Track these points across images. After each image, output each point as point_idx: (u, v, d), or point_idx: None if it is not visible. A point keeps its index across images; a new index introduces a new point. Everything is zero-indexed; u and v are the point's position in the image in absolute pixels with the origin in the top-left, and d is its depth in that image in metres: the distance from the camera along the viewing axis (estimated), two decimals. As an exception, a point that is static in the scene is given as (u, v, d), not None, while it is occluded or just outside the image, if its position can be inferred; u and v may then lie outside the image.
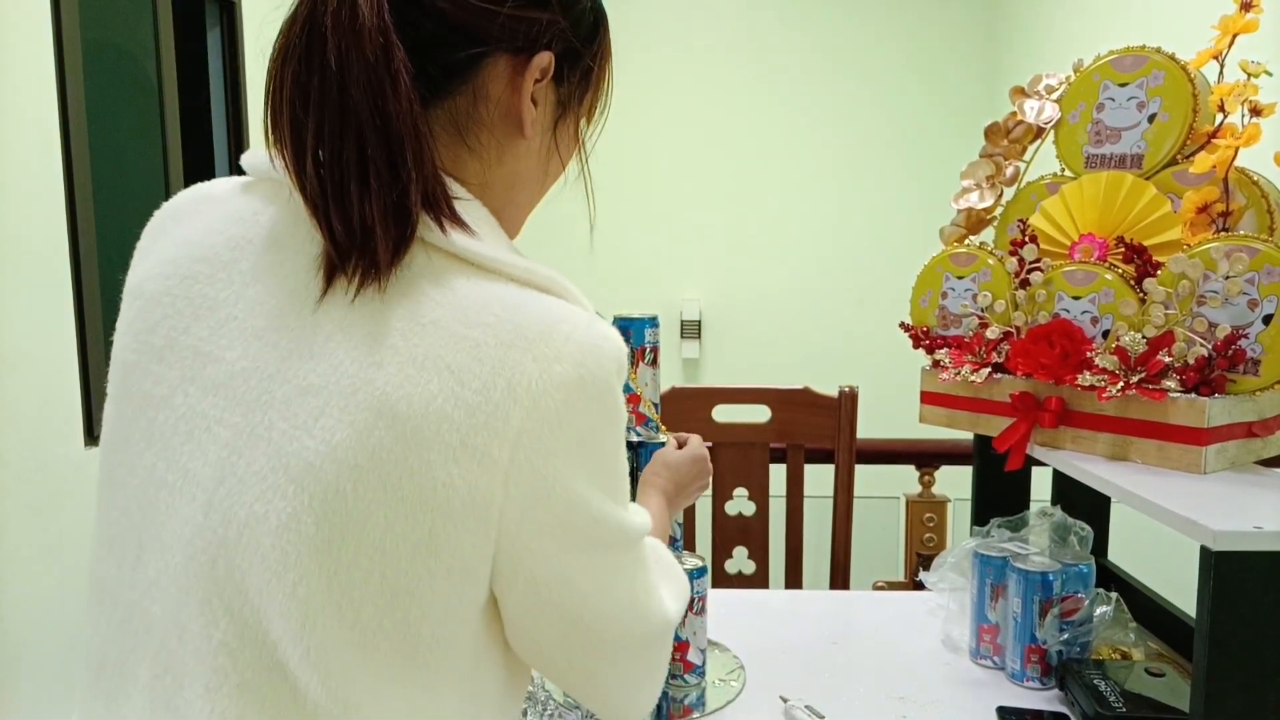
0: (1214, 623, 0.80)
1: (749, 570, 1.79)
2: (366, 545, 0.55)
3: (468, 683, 0.61)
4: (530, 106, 0.64)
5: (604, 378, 0.58)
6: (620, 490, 0.62)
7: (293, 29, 0.57)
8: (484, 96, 0.63)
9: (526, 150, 0.67)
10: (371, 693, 0.58)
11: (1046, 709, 1.10)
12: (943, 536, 2.33)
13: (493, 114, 0.64)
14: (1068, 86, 1.25)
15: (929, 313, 1.31)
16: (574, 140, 0.72)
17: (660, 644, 0.70)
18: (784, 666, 1.21)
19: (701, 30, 3.36)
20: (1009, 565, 1.18)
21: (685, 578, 0.77)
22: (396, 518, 0.55)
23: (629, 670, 0.68)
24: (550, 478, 0.57)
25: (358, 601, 0.56)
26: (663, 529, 0.96)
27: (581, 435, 0.58)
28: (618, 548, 0.63)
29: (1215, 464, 0.99)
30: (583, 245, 3.52)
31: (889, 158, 3.36)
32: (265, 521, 0.56)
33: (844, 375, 1.88)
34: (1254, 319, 0.99)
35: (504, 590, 0.60)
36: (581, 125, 0.73)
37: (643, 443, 1.16)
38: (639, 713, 0.73)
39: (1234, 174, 1.07)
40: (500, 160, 0.66)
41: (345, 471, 0.55)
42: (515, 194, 0.69)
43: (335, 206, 0.56)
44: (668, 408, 1.67)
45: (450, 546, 0.56)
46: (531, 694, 1.07)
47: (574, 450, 0.58)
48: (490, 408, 0.55)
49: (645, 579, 0.67)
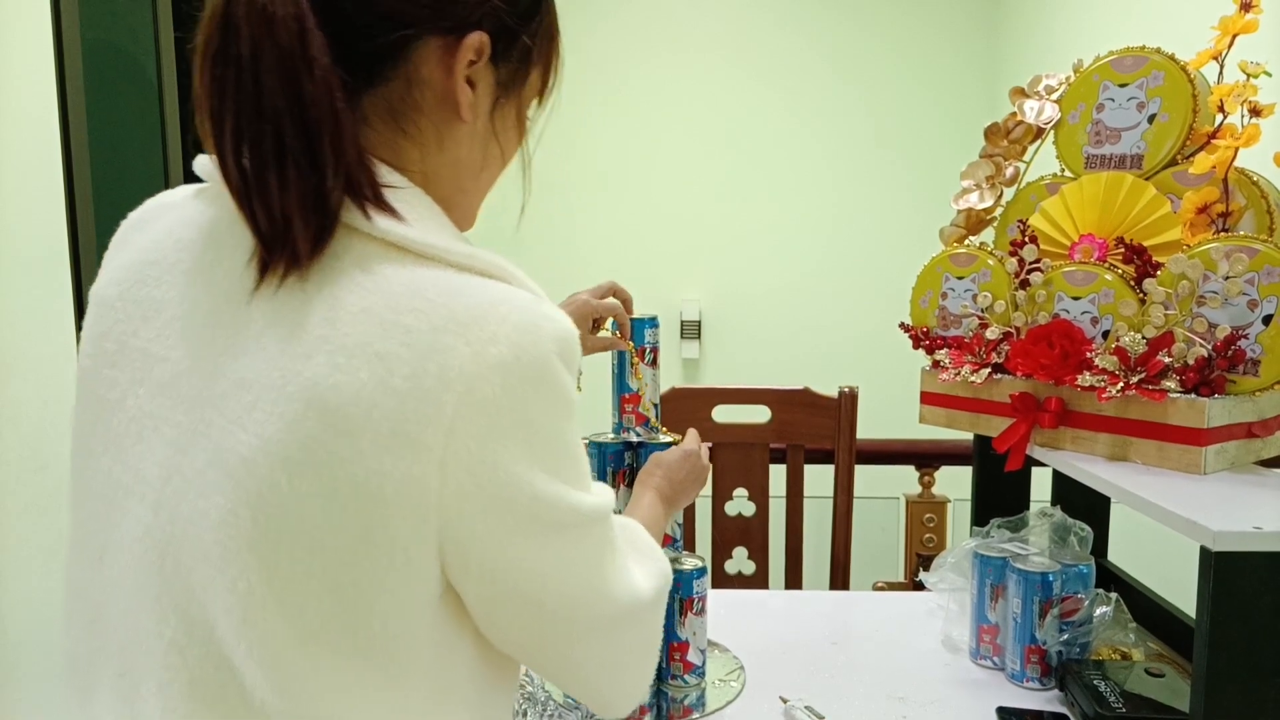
0: (1214, 623, 0.80)
1: (749, 570, 1.79)
2: (304, 539, 0.55)
3: (433, 677, 0.60)
4: (466, 89, 0.63)
5: (542, 358, 0.57)
6: (570, 471, 0.61)
7: (210, 22, 0.57)
8: (418, 81, 0.62)
9: (468, 135, 0.66)
10: (324, 689, 0.57)
11: (1046, 709, 1.10)
12: (943, 537, 2.33)
13: (428, 99, 0.62)
14: (1067, 87, 1.25)
15: (929, 313, 1.31)
16: (518, 123, 0.70)
17: (636, 625, 0.69)
18: (784, 666, 1.21)
19: (701, 30, 3.36)
20: (1009, 565, 1.18)
21: (664, 560, 0.75)
22: (332, 510, 0.54)
23: (606, 653, 0.67)
24: (489, 463, 0.56)
25: (300, 596, 0.55)
26: (657, 525, 0.95)
27: (521, 418, 0.57)
28: (573, 529, 0.61)
29: (1215, 464, 0.99)
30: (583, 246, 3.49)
31: (889, 158, 3.36)
32: (206, 518, 0.56)
33: (844, 375, 1.88)
34: (1254, 319, 0.99)
35: (459, 580, 0.58)
36: (531, 107, 0.71)
37: (643, 443, 1.16)
38: (626, 699, 0.72)
39: (1234, 174, 1.07)
40: (441, 146, 0.65)
41: (278, 465, 0.54)
42: (461, 181, 0.68)
43: (257, 198, 0.56)
44: (668, 408, 1.67)
45: (388, 537, 0.55)
46: (531, 694, 1.07)
47: (513, 433, 0.56)
48: (421, 394, 0.54)
49: (612, 559, 0.66)
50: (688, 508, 1.66)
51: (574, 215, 3.44)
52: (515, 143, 0.71)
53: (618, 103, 3.40)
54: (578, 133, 3.41)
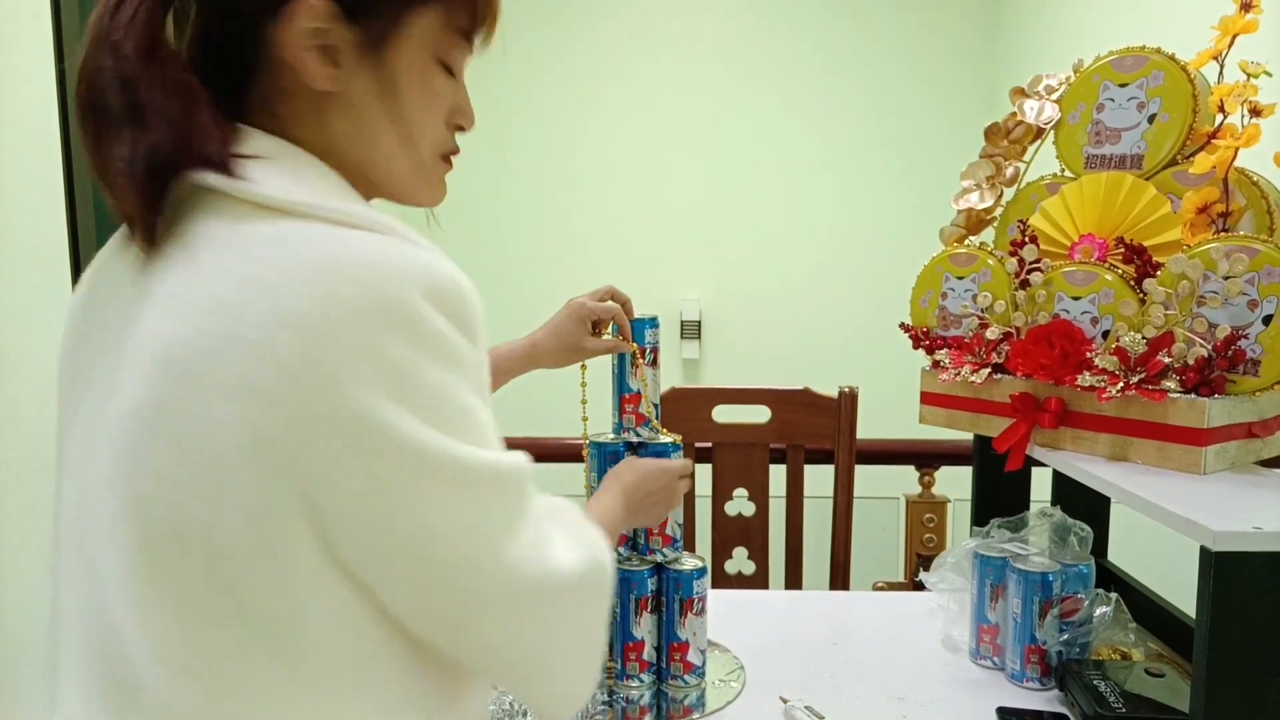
0: (1214, 623, 0.80)
1: (749, 570, 1.79)
2: (163, 502, 0.54)
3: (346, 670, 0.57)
4: (309, 59, 0.61)
5: (399, 298, 0.54)
6: (457, 424, 0.57)
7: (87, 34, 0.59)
8: (278, 65, 0.62)
9: (345, 107, 0.63)
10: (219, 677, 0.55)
11: (1046, 709, 1.10)
12: (943, 537, 2.33)
13: (292, 80, 0.62)
14: (1068, 87, 1.25)
15: (929, 313, 1.31)
16: (420, 77, 0.65)
17: (556, 605, 0.63)
18: (784, 666, 1.21)
19: (701, 31, 3.36)
20: (1009, 566, 1.18)
21: (599, 546, 0.69)
22: (187, 466, 0.53)
23: (524, 635, 0.62)
24: (342, 408, 0.53)
25: (176, 570, 0.54)
26: (610, 523, 0.90)
27: (378, 360, 0.53)
28: (464, 485, 0.57)
29: (1215, 464, 0.99)
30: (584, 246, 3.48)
31: (889, 158, 3.36)
32: (99, 492, 0.58)
33: (844, 375, 1.88)
34: (1254, 319, 0.99)
35: (340, 544, 0.55)
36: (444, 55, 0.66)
37: (643, 443, 1.16)
38: (560, 697, 0.67)
39: (1234, 174, 1.07)
40: (321, 122, 0.63)
41: (137, 425, 0.55)
42: (366, 152, 0.65)
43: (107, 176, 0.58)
44: (668, 408, 1.67)
45: (243, 493, 0.53)
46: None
47: (370, 376, 0.53)
48: (265, 340, 0.52)
49: (522, 530, 0.60)
50: (688, 508, 1.66)
51: (575, 215, 3.44)
52: (427, 98, 0.66)
53: (618, 103, 3.40)
54: (578, 133, 3.41)
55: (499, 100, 3.40)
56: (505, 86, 3.39)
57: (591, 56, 3.39)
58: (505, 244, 3.45)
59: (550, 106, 3.40)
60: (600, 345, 1.15)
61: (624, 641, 1.15)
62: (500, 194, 3.44)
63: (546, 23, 3.36)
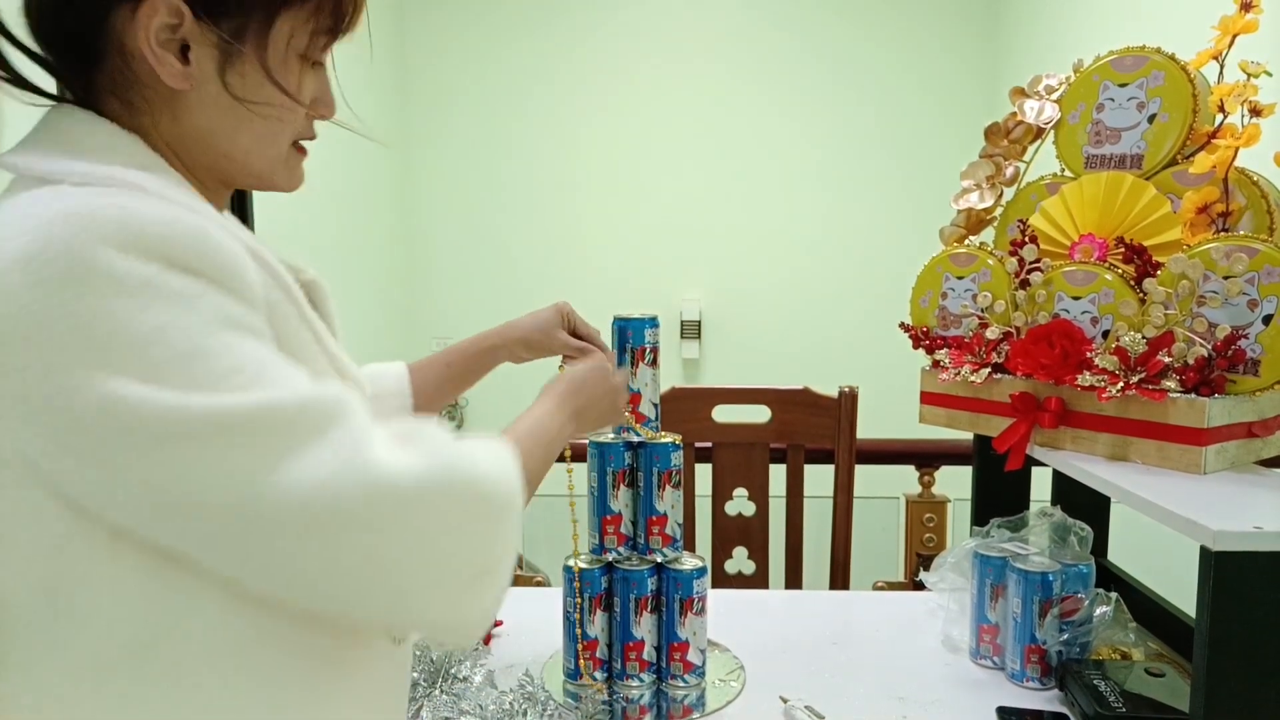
0: (1214, 623, 0.80)
1: (749, 570, 1.79)
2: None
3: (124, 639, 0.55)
4: (164, 57, 0.59)
5: (82, 244, 0.50)
6: (163, 369, 0.50)
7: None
8: (126, 54, 0.60)
9: (198, 102, 0.62)
10: None
11: (1046, 709, 1.10)
12: (943, 536, 2.33)
13: (143, 70, 0.60)
14: (1068, 87, 1.25)
15: (929, 313, 1.31)
16: (286, 71, 0.64)
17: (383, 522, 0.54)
18: (784, 666, 1.21)
19: (701, 31, 3.36)
20: (1009, 565, 1.18)
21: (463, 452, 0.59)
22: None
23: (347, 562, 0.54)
24: (31, 375, 0.49)
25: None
26: (541, 427, 0.84)
27: (67, 317, 0.49)
28: (191, 438, 0.50)
29: (1215, 464, 0.99)
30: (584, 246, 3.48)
31: (889, 158, 3.36)
32: None
33: (844, 375, 1.88)
34: (1254, 319, 0.99)
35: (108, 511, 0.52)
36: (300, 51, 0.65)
37: (643, 443, 1.16)
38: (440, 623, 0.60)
39: (1234, 174, 1.07)
40: (174, 117, 0.62)
41: None
42: (220, 147, 0.64)
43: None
44: (668, 408, 1.67)
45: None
46: (531, 694, 1.08)
47: (58, 337, 0.49)
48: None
49: (298, 457, 0.52)
50: (688, 507, 1.67)
51: (575, 215, 3.44)
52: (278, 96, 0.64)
53: (618, 103, 3.40)
54: (579, 133, 3.41)
55: (499, 101, 3.40)
56: (506, 87, 3.39)
57: (592, 57, 3.39)
58: (505, 244, 3.45)
59: (550, 107, 3.40)
60: (568, 342, 1.09)
61: (624, 641, 1.15)
62: (500, 194, 3.44)
63: (547, 24, 3.36)
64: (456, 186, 3.45)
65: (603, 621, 1.16)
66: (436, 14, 3.38)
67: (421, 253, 3.47)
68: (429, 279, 3.48)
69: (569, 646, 1.16)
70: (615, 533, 1.16)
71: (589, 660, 1.15)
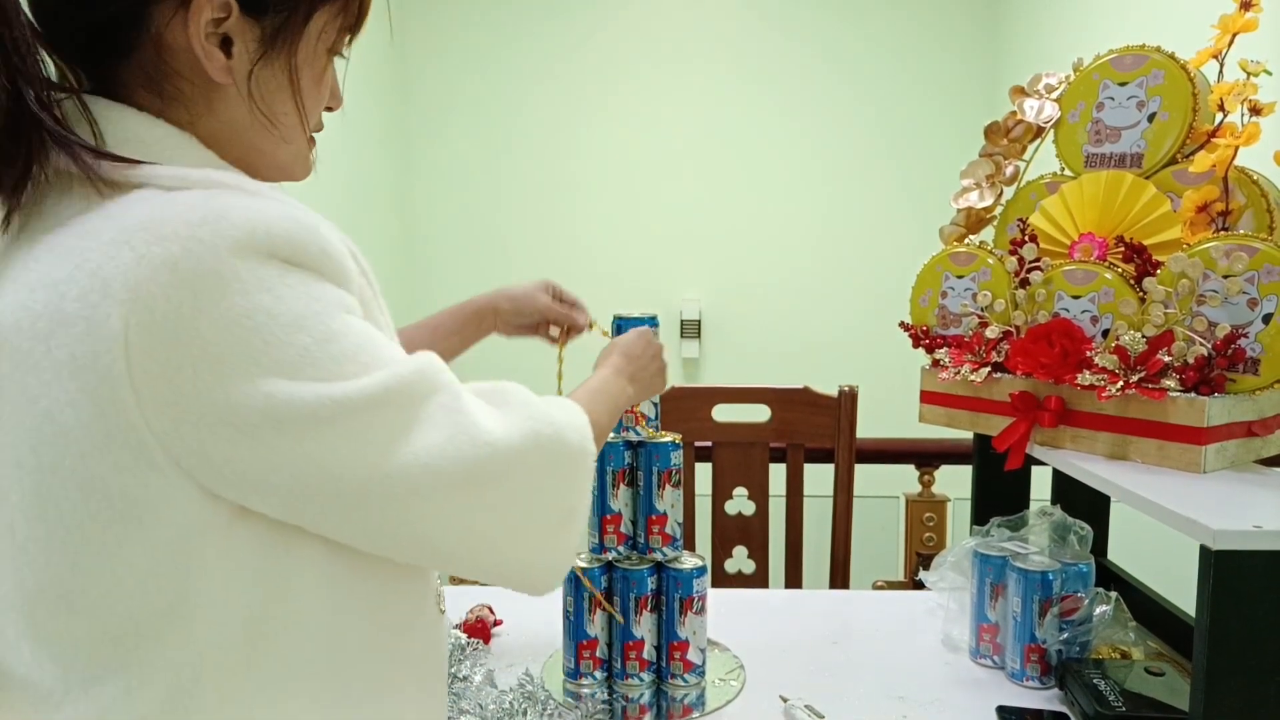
0: (1214, 622, 0.80)
1: (749, 570, 1.79)
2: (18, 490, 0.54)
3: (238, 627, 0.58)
4: (213, 51, 0.60)
5: (221, 247, 0.53)
6: (305, 362, 0.54)
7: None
8: (165, 46, 0.60)
9: (235, 95, 0.63)
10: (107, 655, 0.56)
11: (1046, 709, 1.10)
12: (943, 536, 2.33)
13: (182, 63, 0.61)
14: (1068, 86, 1.25)
15: (929, 312, 1.31)
16: (316, 65, 0.66)
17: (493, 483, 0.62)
18: (784, 666, 1.21)
19: (700, 31, 3.35)
20: (1009, 565, 1.18)
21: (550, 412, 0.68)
22: (42, 451, 0.53)
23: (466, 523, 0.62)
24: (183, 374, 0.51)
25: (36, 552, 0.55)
26: (606, 394, 0.90)
27: (209, 323, 0.52)
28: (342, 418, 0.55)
29: (1215, 463, 0.99)
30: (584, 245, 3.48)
31: (889, 157, 3.36)
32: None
33: (844, 375, 1.88)
34: (1254, 318, 0.99)
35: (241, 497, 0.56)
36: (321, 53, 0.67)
37: (643, 442, 1.16)
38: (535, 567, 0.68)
39: (1234, 173, 1.07)
40: (210, 109, 0.63)
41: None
42: (252, 140, 0.65)
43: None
44: (668, 407, 1.67)
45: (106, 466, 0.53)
46: (531, 694, 1.08)
47: (203, 342, 0.52)
48: (88, 313, 0.51)
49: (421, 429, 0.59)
50: (688, 507, 1.66)
51: (575, 215, 3.44)
52: (320, 89, 0.68)
53: (618, 103, 3.40)
54: (579, 133, 3.41)
55: (499, 101, 3.40)
56: (506, 88, 3.39)
57: (591, 57, 3.39)
58: (506, 245, 3.45)
59: (551, 108, 3.40)
60: (554, 308, 1.16)
61: (624, 641, 1.15)
62: (501, 195, 3.44)
63: (547, 24, 3.36)
64: (456, 186, 3.45)
65: (602, 621, 1.16)
66: (436, 14, 3.38)
67: (421, 253, 3.47)
68: (429, 279, 3.48)
69: (569, 646, 1.16)
70: (615, 532, 1.16)
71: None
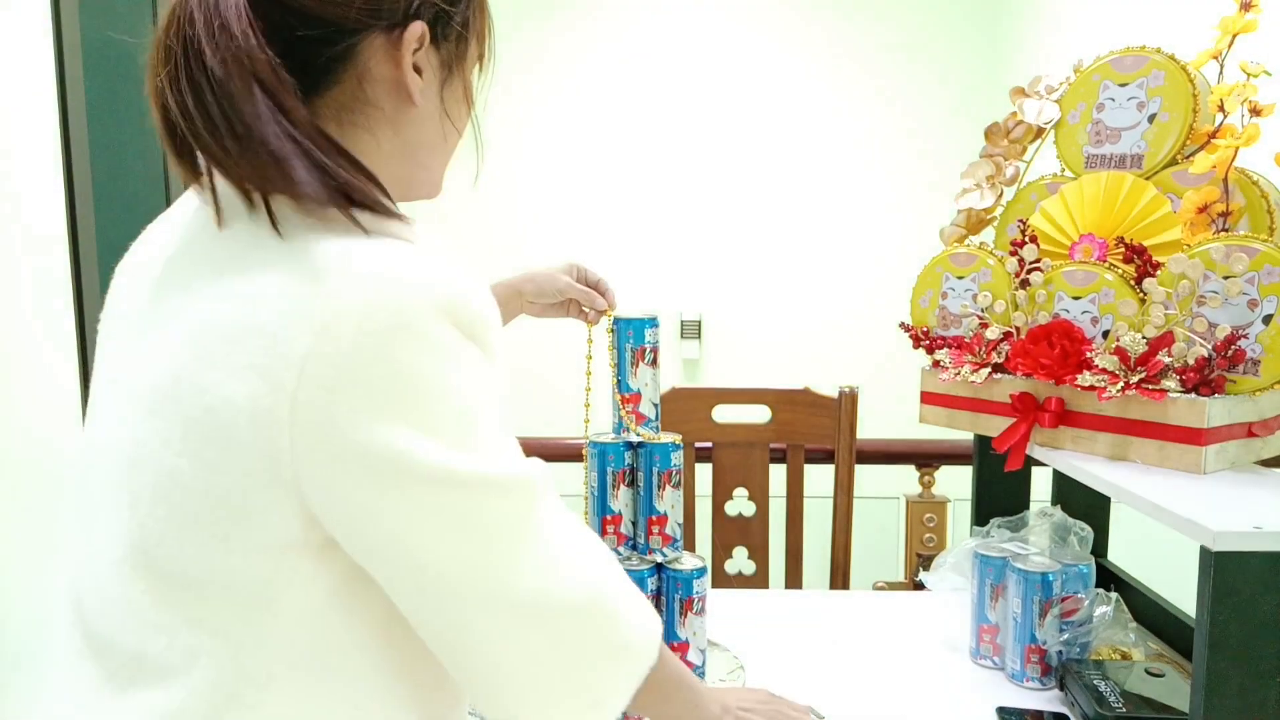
0: (1214, 623, 0.80)
1: (749, 570, 1.79)
2: (153, 467, 0.58)
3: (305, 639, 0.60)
4: (415, 77, 0.66)
5: (406, 309, 0.56)
6: (451, 429, 0.58)
7: (167, 36, 0.60)
8: (369, 78, 0.65)
9: (419, 117, 0.69)
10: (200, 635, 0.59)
11: (1046, 709, 1.10)
12: (943, 536, 2.33)
13: (380, 91, 0.66)
14: (1068, 87, 1.25)
15: (929, 313, 1.31)
16: (465, 96, 0.73)
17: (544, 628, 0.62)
18: (784, 666, 1.21)
19: (701, 31, 3.36)
20: (1009, 565, 1.18)
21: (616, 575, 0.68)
22: (189, 438, 0.57)
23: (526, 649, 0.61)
24: (339, 410, 0.55)
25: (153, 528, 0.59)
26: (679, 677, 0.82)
27: (379, 368, 0.56)
28: (452, 490, 0.58)
29: (1215, 464, 0.99)
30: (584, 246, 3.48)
31: (889, 158, 3.36)
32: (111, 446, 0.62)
33: (844, 375, 1.88)
34: (1254, 319, 0.99)
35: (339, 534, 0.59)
36: (472, 78, 0.74)
37: (643, 443, 1.16)
38: None
39: (1234, 174, 1.07)
40: (396, 131, 0.68)
41: (152, 395, 0.59)
42: (420, 158, 0.71)
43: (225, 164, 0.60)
44: (668, 408, 1.67)
45: (238, 462, 0.56)
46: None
47: (368, 383, 0.55)
48: (276, 329, 0.56)
49: (524, 542, 0.61)
50: (688, 507, 1.66)
51: (575, 215, 3.44)
52: (465, 114, 0.74)
53: (618, 103, 3.40)
54: (579, 133, 3.41)
55: (499, 102, 3.40)
56: (505, 88, 3.39)
57: (591, 57, 3.39)
58: (506, 245, 3.45)
59: (550, 108, 3.40)
60: (575, 287, 1.15)
61: (624, 641, 1.15)
62: (500, 195, 3.44)
63: (548, 25, 3.36)
64: (455, 187, 3.44)
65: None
66: (436, 14, 3.38)
67: (421, 253, 3.47)
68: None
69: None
70: (615, 533, 1.16)
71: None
